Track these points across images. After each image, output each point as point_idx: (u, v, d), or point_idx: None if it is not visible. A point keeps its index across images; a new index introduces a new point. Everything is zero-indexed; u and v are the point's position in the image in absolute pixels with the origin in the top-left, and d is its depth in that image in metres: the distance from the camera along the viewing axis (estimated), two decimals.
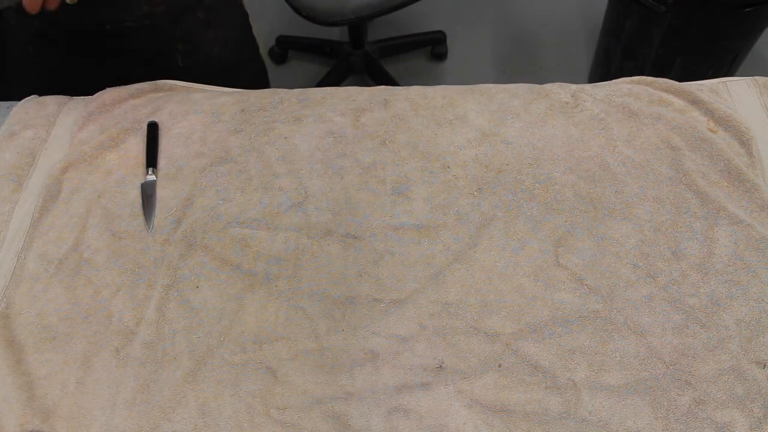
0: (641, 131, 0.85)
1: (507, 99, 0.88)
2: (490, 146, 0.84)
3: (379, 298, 0.72)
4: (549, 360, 0.67)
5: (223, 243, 0.76)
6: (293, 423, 0.64)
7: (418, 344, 0.68)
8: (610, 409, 0.64)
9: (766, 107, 0.86)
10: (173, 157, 0.84)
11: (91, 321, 0.71)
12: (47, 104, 0.91)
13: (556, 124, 0.86)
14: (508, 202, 0.79)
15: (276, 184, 0.81)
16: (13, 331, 0.70)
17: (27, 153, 0.85)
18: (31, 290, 0.73)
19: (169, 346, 0.69)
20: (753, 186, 0.78)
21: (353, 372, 0.67)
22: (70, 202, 0.80)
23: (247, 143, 0.85)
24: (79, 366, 0.67)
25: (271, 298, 0.72)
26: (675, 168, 0.81)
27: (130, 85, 0.92)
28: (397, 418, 0.64)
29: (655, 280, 0.72)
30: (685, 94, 0.88)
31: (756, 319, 0.68)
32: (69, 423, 0.64)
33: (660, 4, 1.54)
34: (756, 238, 0.74)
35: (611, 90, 0.89)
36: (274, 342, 0.69)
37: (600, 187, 0.80)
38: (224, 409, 0.65)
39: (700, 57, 1.64)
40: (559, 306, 0.70)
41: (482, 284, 0.72)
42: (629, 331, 0.68)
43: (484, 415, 0.64)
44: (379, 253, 0.75)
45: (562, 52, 2.12)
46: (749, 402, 0.63)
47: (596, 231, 0.76)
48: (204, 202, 0.80)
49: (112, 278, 0.74)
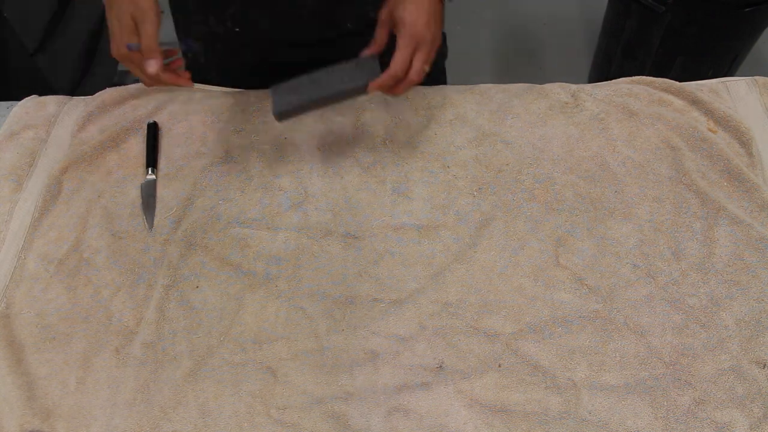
0: (641, 131, 0.85)
1: (507, 99, 0.88)
2: (489, 146, 0.84)
3: (379, 298, 0.72)
4: (549, 360, 0.67)
5: (223, 243, 0.76)
6: (293, 423, 0.64)
7: (418, 344, 0.68)
8: (610, 409, 0.64)
9: (766, 107, 0.86)
10: (173, 157, 0.84)
11: (91, 321, 0.71)
12: (47, 104, 0.91)
13: (556, 124, 0.86)
14: (508, 202, 0.79)
15: (276, 184, 0.81)
16: (13, 331, 0.70)
17: (27, 153, 0.86)
18: (31, 290, 0.73)
19: (169, 346, 0.69)
20: (753, 186, 0.78)
21: (353, 372, 0.67)
22: (70, 202, 0.80)
23: (247, 143, 0.85)
24: (79, 366, 0.67)
25: (271, 298, 0.72)
26: (675, 168, 0.81)
27: (130, 85, 0.91)
28: (397, 418, 0.64)
29: (655, 280, 0.72)
30: (685, 94, 0.88)
31: (756, 319, 0.68)
32: (69, 423, 0.64)
33: (660, 4, 1.54)
34: (756, 238, 0.74)
35: (611, 90, 0.89)
36: (274, 342, 0.69)
37: (600, 187, 0.80)
38: (224, 409, 0.65)
39: (700, 57, 1.64)
40: (559, 306, 0.70)
41: (482, 284, 0.72)
42: (629, 331, 0.68)
43: (484, 415, 0.64)
44: (379, 253, 0.75)
45: (562, 52, 2.12)
46: (749, 402, 0.63)
47: (596, 231, 0.76)
48: (204, 202, 0.80)
49: (112, 278, 0.74)
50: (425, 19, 0.75)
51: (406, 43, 0.75)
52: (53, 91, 0.95)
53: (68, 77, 1.57)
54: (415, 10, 0.75)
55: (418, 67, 0.75)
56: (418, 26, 0.75)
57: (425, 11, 0.75)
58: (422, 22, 0.75)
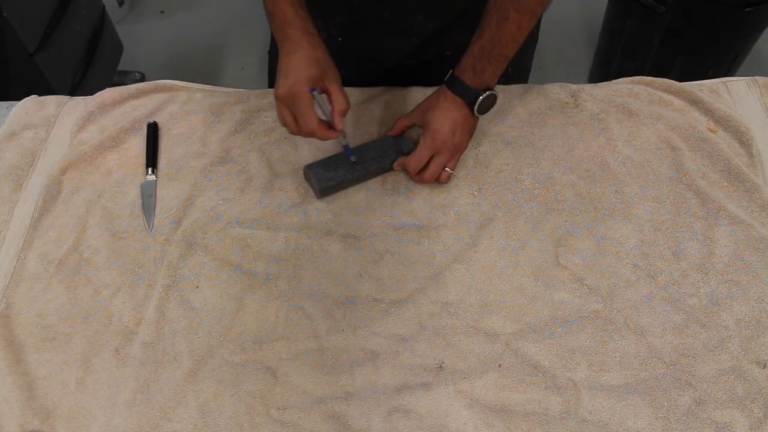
0: (641, 131, 0.85)
1: (507, 99, 0.88)
2: (490, 146, 0.84)
3: (379, 298, 0.72)
4: (549, 360, 0.67)
5: (223, 243, 0.76)
6: (293, 423, 0.64)
7: (418, 344, 0.68)
8: (610, 409, 0.64)
9: (766, 107, 0.86)
10: (173, 157, 0.84)
11: (91, 321, 0.71)
12: (47, 104, 0.91)
13: (556, 124, 0.86)
14: (508, 202, 0.79)
15: (276, 184, 0.81)
16: (13, 331, 0.70)
17: (27, 153, 0.85)
18: (31, 290, 0.73)
19: (169, 346, 0.69)
20: (753, 186, 0.78)
21: (353, 372, 0.67)
22: (70, 202, 0.80)
23: (247, 143, 0.85)
24: (79, 366, 0.67)
25: (271, 298, 0.72)
26: (675, 168, 0.81)
27: (130, 85, 0.91)
28: (397, 418, 0.64)
29: (655, 280, 0.72)
30: (685, 94, 0.87)
31: (756, 319, 0.68)
32: (69, 423, 0.64)
33: (660, 4, 1.54)
34: (756, 238, 0.74)
35: (611, 90, 0.89)
36: (274, 342, 0.69)
37: (600, 187, 0.80)
38: (224, 409, 0.65)
39: (700, 57, 1.64)
40: (559, 306, 0.70)
41: (482, 284, 0.72)
42: (629, 331, 0.68)
43: (484, 415, 0.64)
44: (379, 253, 0.75)
45: (562, 52, 2.12)
46: (749, 402, 0.63)
47: (596, 231, 0.76)
48: (204, 202, 0.80)
49: (112, 278, 0.74)
50: (450, 128, 0.78)
51: (425, 146, 0.78)
52: (53, 91, 0.95)
53: (68, 77, 1.57)
54: (442, 118, 0.78)
55: (434, 170, 0.78)
56: (442, 134, 0.78)
57: (452, 121, 0.78)
58: (446, 130, 0.78)
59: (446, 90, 0.79)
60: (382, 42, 0.75)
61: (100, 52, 1.71)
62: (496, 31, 0.74)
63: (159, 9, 2.35)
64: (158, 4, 2.36)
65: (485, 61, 0.76)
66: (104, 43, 1.73)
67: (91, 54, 1.67)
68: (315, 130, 0.71)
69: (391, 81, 0.75)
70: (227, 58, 2.18)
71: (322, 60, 0.71)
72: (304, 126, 0.71)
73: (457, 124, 0.78)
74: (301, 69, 0.69)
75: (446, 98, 0.78)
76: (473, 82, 0.77)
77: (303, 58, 0.70)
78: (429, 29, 0.86)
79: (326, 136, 0.72)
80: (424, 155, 0.78)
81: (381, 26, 0.80)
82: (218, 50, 2.21)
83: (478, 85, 0.77)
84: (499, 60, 0.76)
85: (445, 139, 0.77)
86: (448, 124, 0.77)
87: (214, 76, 2.12)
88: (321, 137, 0.72)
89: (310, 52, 0.70)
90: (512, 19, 0.73)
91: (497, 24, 0.74)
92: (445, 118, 0.78)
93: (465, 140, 0.80)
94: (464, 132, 0.79)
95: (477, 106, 0.77)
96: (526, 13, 0.74)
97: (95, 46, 1.69)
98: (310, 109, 0.70)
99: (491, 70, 0.76)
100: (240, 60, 2.18)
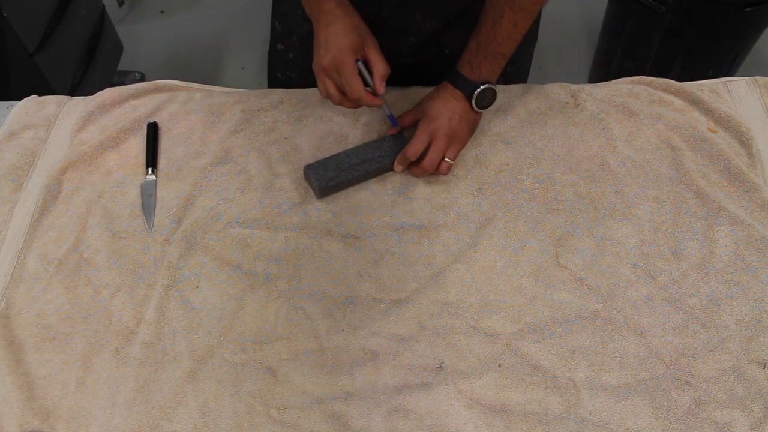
0: (641, 131, 0.85)
1: (507, 99, 0.88)
2: (489, 146, 0.84)
3: (379, 298, 0.72)
4: (549, 360, 0.67)
5: (223, 243, 0.76)
6: (293, 423, 0.64)
7: (418, 344, 0.68)
8: (610, 409, 0.64)
9: (766, 107, 0.86)
10: (173, 157, 0.84)
11: (91, 321, 0.71)
12: (47, 104, 0.91)
13: (556, 124, 0.86)
14: (508, 202, 0.79)
15: (276, 184, 0.81)
16: (13, 331, 0.70)
17: (27, 153, 0.85)
18: (31, 290, 0.73)
19: (169, 346, 0.69)
20: (753, 186, 0.78)
21: (353, 372, 0.67)
22: (70, 202, 0.80)
23: (247, 143, 0.85)
24: (79, 366, 0.67)
25: (271, 298, 0.72)
26: (675, 168, 0.81)
27: (130, 85, 0.91)
28: (397, 418, 0.64)
29: (655, 280, 0.72)
30: (685, 94, 0.87)
31: (756, 319, 0.68)
32: (69, 423, 0.64)
33: (660, 4, 1.54)
34: (756, 238, 0.74)
35: (611, 90, 0.89)
36: (274, 342, 0.69)
37: (600, 187, 0.80)
38: (224, 409, 0.65)
39: (700, 57, 1.64)
40: (559, 306, 0.70)
41: (482, 284, 0.72)
42: (629, 331, 0.68)
43: (484, 415, 0.64)
44: (379, 253, 0.75)
45: (562, 52, 2.12)
46: (749, 402, 0.63)
47: (596, 231, 0.76)
48: (204, 202, 0.80)
49: (112, 278, 0.74)
50: (448, 115, 0.78)
51: (422, 130, 0.79)
52: (53, 91, 0.95)
53: (68, 77, 1.57)
54: (441, 106, 0.79)
55: (433, 157, 0.78)
56: (439, 120, 0.78)
57: (450, 109, 0.79)
58: (444, 116, 0.78)
59: (446, 83, 0.80)
60: (380, 41, 0.76)
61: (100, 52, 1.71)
62: (491, 29, 0.75)
63: (159, 9, 2.35)
64: (158, 4, 2.37)
65: (481, 57, 0.77)
66: (104, 43, 1.73)
67: (91, 54, 1.67)
68: (362, 96, 0.73)
69: (390, 80, 0.76)
70: (227, 58, 2.18)
71: (360, 27, 0.73)
72: (351, 93, 0.72)
73: (455, 113, 0.79)
74: (341, 38, 0.71)
75: (446, 90, 0.80)
76: (471, 76, 0.78)
77: (342, 27, 0.71)
78: (428, 29, 0.87)
79: (372, 102, 0.75)
80: (421, 139, 0.78)
81: (380, 26, 0.81)
82: (218, 50, 2.21)
83: (476, 79, 0.78)
84: (495, 57, 0.77)
85: (442, 124, 0.78)
86: (445, 111, 0.79)
87: (214, 76, 2.12)
88: (367, 104, 0.74)
89: (348, 21, 0.72)
90: (507, 17, 0.74)
91: (492, 22, 0.75)
92: (444, 106, 0.79)
93: (463, 130, 0.80)
94: (462, 122, 0.79)
95: (475, 99, 0.78)
96: (521, 11, 0.74)
97: (95, 46, 1.69)
98: (356, 77, 0.71)
99: (488, 66, 0.77)
100: (240, 60, 2.18)
